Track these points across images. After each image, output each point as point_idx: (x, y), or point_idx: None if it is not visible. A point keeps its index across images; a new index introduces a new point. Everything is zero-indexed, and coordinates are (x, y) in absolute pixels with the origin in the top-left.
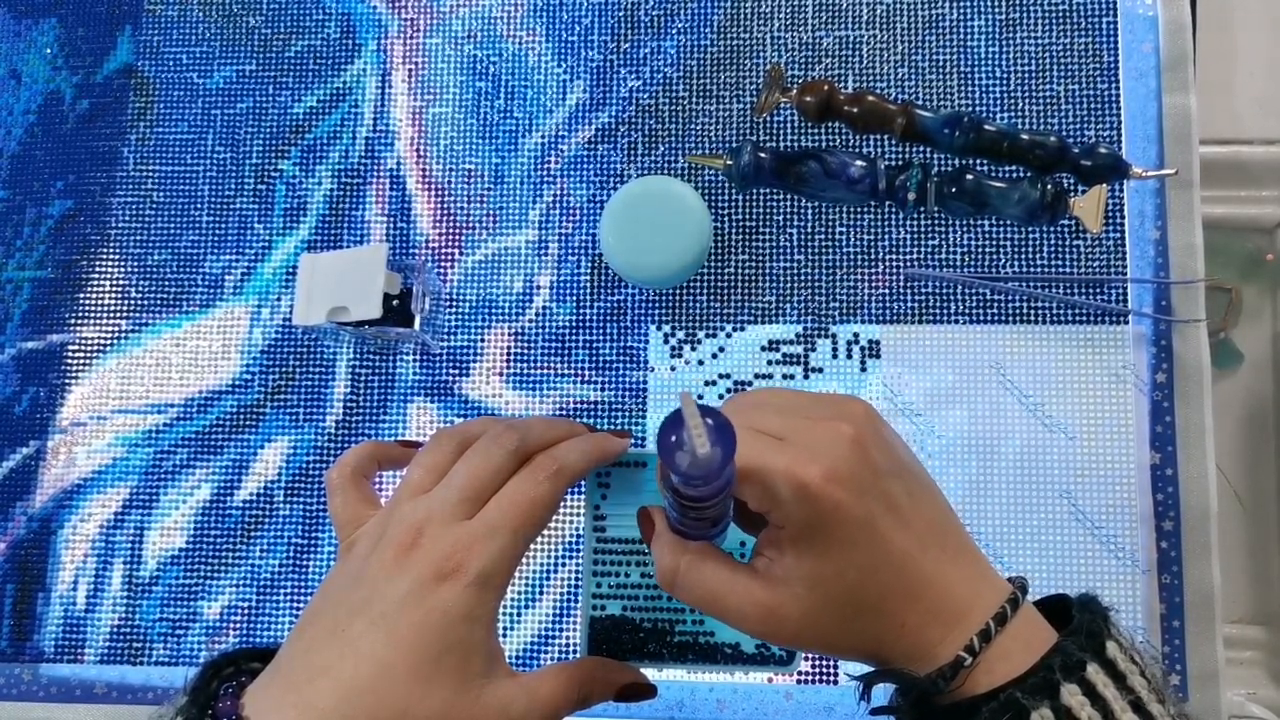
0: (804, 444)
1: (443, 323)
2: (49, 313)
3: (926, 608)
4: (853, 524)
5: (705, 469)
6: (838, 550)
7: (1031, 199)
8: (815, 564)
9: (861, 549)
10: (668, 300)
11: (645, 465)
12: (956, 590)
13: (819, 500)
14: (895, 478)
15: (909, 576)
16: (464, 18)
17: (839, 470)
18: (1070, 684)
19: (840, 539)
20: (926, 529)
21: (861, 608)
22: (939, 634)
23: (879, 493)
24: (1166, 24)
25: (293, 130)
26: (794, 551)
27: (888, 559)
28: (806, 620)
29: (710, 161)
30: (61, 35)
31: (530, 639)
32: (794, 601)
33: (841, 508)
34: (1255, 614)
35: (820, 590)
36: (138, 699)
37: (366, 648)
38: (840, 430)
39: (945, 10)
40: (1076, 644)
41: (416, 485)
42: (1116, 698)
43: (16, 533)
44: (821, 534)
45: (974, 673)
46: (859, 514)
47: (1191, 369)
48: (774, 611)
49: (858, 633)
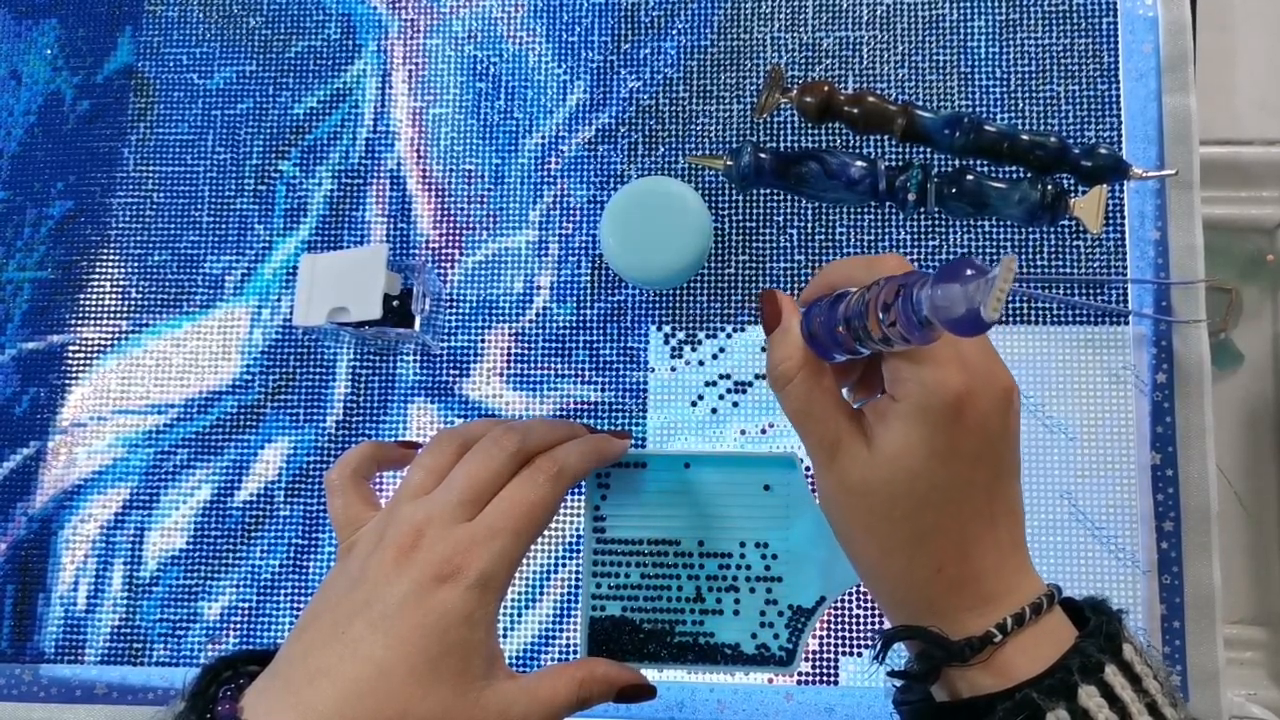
0: (970, 360)
1: (443, 323)
2: (49, 313)
3: (968, 571)
4: (952, 447)
5: (958, 326)
6: (927, 455)
7: (1032, 199)
8: (902, 449)
9: (944, 473)
10: (668, 301)
11: (645, 466)
12: (1004, 572)
13: (948, 403)
14: (1010, 455)
15: (968, 532)
16: (464, 18)
17: (980, 397)
18: (1089, 685)
19: (935, 449)
20: (1005, 509)
21: (912, 521)
22: (970, 602)
23: (992, 448)
24: (1166, 24)
25: (293, 131)
26: (895, 426)
27: (959, 503)
28: (862, 490)
29: (710, 162)
30: (62, 36)
31: (530, 639)
32: (864, 463)
33: (959, 426)
34: (1256, 614)
35: (890, 470)
36: (138, 699)
37: (366, 650)
38: (1003, 378)
39: (945, 11)
40: (1095, 645)
41: (417, 487)
42: (1134, 700)
43: (17, 533)
44: (925, 430)
45: (999, 663)
46: (963, 445)
47: (1192, 369)
48: (843, 460)
49: (896, 544)
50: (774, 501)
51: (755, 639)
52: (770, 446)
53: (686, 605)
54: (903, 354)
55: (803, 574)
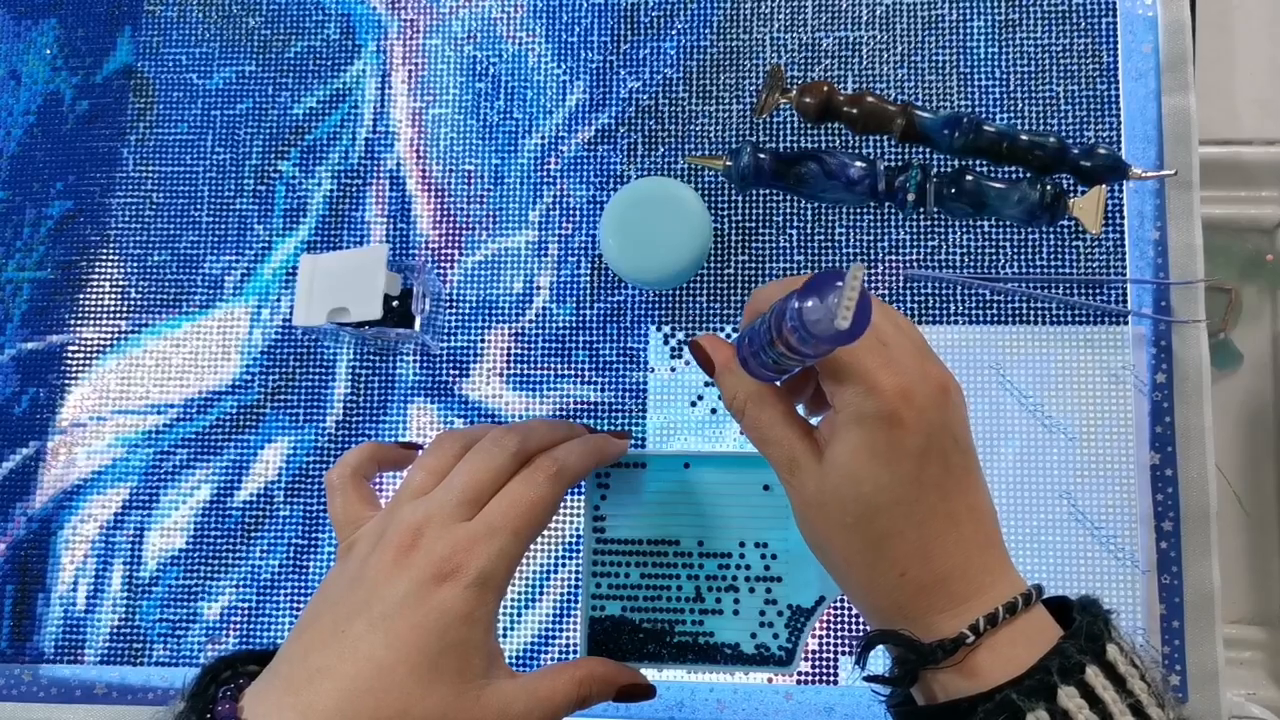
0: (900, 361)
1: (443, 323)
2: (49, 314)
3: (933, 573)
4: (894, 448)
5: (830, 338)
6: (869, 460)
7: (1031, 200)
8: (847, 458)
9: (888, 475)
10: (668, 301)
11: (645, 466)
12: (972, 572)
13: (881, 406)
14: (958, 451)
15: (927, 533)
16: (464, 19)
17: (915, 395)
18: (1068, 686)
19: (876, 453)
20: (966, 508)
21: (866, 527)
22: (939, 604)
23: (938, 445)
24: (1166, 25)
25: (292, 131)
26: (839, 437)
27: (910, 503)
28: (818, 501)
29: (710, 162)
30: (61, 36)
31: (530, 639)
32: (817, 476)
33: (898, 426)
34: (1255, 614)
35: (838, 479)
36: (138, 699)
37: (366, 649)
38: (936, 375)
39: (945, 11)
40: (1076, 646)
41: (417, 487)
42: (1115, 701)
43: (16, 533)
44: (865, 436)
45: (975, 665)
46: (904, 444)
47: (1191, 369)
48: (801, 476)
49: (856, 552)
50: (774, 501)
51: (755, 639)
52: None
53: (686, 605)
54: (835, 366)
55: (802, 574)
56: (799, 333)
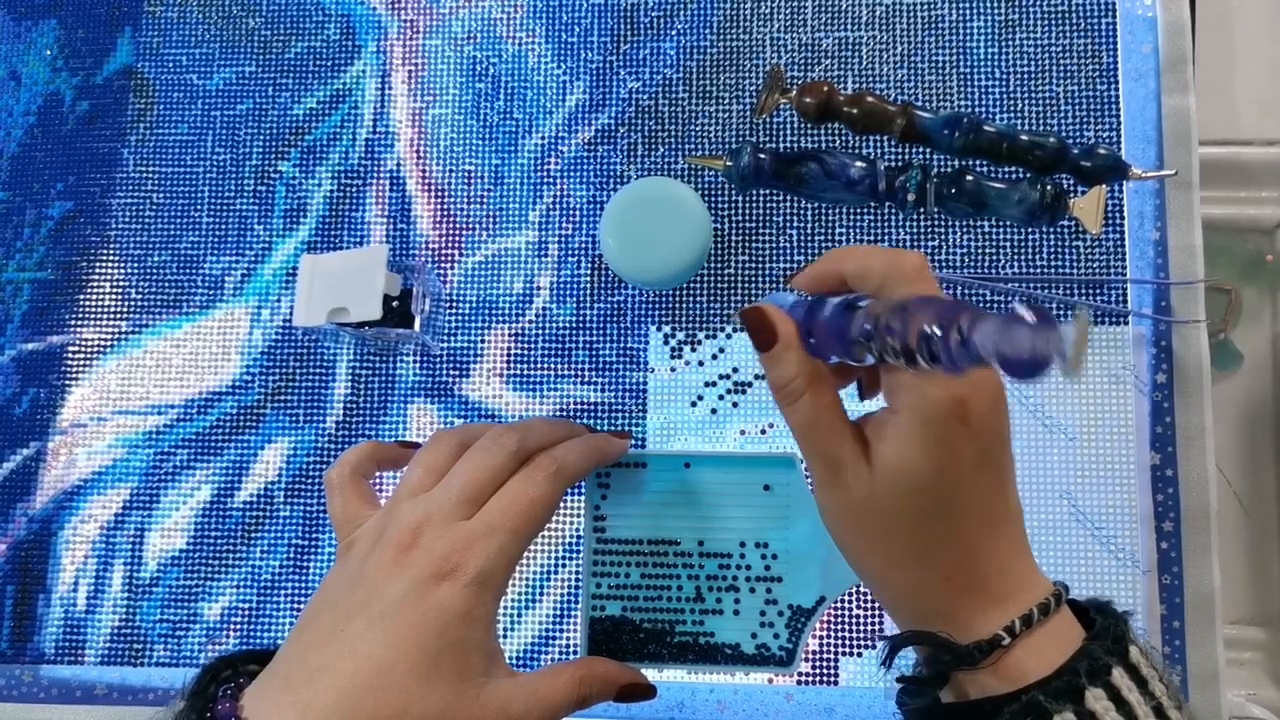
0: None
1: (443, 324)
2: (49, 314)
3: (976, 577)
4: (954, 456)
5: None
6: (930, 468)
7: (1031, 200)
8: (903, 463)
9: (948, 483)
10: (668, 301)
11: (645, 466)
12: (1008, 575)
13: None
14: (1008, 452)
15: (973, 539)
16: (464, 19)
17: (979, 398)
18: (1096, 688)
19: (938, 461)
20: (1004, 514)
21: (917, 535)
22: (979, 606)
23: (993, 451)
24: (1166, 25)
25: (293, 131)
26: (896, 441)
27: (964, 511)
28: (866, 507)
29: (710, 163)
30: (61, 36)
31: (530, 639)
32: (867, 481)
33: (962, 431)
34: (1255, 615)
35: (894, 485)
36: (138, 700)
37: (365, 648)
38: (991, 376)
39: (945, 11)
40: (1102, 647)
41: (416, 485)
42: (1140, 703)
43: (17, 534)
44: (927, 442)
45: (1007, 665)
46: (965, 452)
47: (1191, 370)
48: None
49: (902, 557)
50: (774, 501)
51: (755, 639)
52: (770, 447)
53: (686, 605)
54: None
55: (803, 574)
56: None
